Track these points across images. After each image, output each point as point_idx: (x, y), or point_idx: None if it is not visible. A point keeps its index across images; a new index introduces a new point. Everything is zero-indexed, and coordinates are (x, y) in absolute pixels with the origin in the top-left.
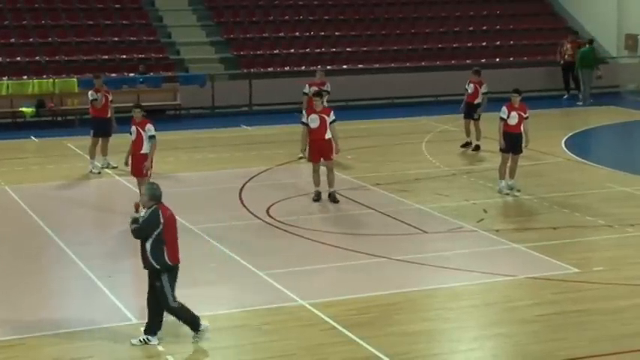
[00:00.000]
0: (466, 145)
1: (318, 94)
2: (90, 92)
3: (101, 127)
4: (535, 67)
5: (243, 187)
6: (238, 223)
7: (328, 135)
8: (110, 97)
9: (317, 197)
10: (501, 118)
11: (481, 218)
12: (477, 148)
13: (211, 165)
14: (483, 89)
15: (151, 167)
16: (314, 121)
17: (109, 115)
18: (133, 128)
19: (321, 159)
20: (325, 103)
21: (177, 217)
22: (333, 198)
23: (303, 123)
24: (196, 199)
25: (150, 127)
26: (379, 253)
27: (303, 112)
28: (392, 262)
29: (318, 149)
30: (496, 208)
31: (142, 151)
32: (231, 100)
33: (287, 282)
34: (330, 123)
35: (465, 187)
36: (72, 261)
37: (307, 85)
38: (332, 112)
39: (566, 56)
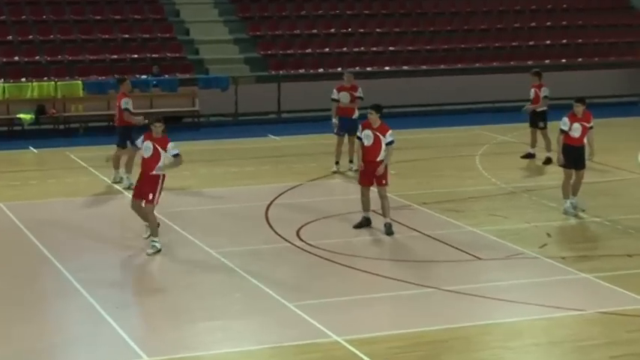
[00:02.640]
0: (527, 156)
1: (377, 107)
2: (126, 100)
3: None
4: (608, 70)
5: (270, 205)
6: (264, 247)
7: (382, 156)
8: None
9: (364, 223)
10: (561, 130)
11: (544, 243)
12: (548, 161)
13: (234, 180)
14: (543, 92)
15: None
16: (368, 138)
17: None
18: (148, 144)
19: (374, 182)
20: (357, 112)
21: (194, 240)
22: (388, 229)
23: (358, 137)
24: (217, 219)
25: (172, 146)
26: (426, 283)
27: (334, 120)
28: (441, 293)
29: (371, 171)
30: (561, 231)
31: (154, 172)
32: (257, 106)
33: (320, 315)
34: (387, 144)
35: (525, 207)
36: (74, 289)
37: (335, 90)
38: (390, 132)
39: None
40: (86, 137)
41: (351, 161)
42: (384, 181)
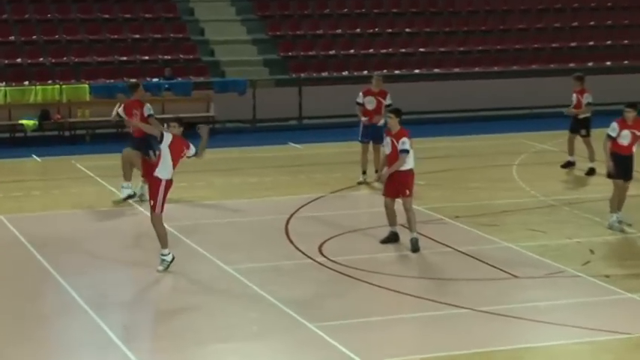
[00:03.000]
0: (567, 165)
1: (396, 111)
2: (148, 106)
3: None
4: None
5: (290, 218)
6: (284, 264)
7: (406, 165)
8: None
9: (391, 239)
10: (609, 136)
11: (587, 260)
12: (592, 172)
13: (252, 191)
14: (586, 99)
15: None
16: (387, 145)
17: None
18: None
19: (399, 195)
20: (383, 119)
21: (209, 255)
22: (414, 245)
23: (383, 146)
24: (233, 233)
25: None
26: (458, 303)
27: (363, 119)
28: (474, 314)
29: (391, 181)
30: (606, 248)
31: (155, 174)
32: (277, 111)
33: (343, 336)
34: (400, 152)
35: (566, 221)
36: (79, 307)
37: (361, 94)
38: (404, 140)
39: None
40: (93, 145)
41: (377, 171)
42: (407, 192)
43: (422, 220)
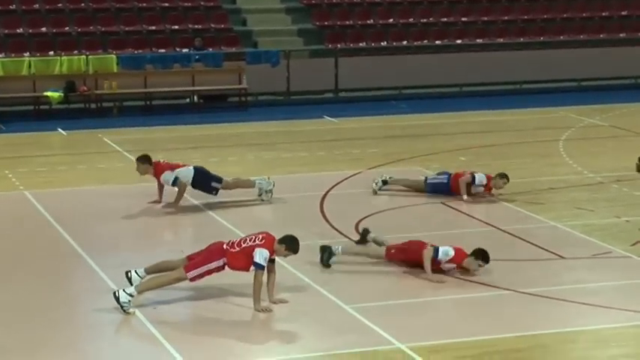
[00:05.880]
0: None
1: None
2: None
3: None
4: None
5: (325, 195)
6: (319, 242)
7: None
8: None
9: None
10: None
11: (636, 241)
12: None
13: (285, 167)
14: None
15: None
16: None
17: None
18: None
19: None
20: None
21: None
22: None
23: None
24: (266, 210)
25: None
26: (502, 284)
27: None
28: (518, 296)
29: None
30: None
31: None
32: (312, 83)
33: (381, 319)
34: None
35: (615, 199)
36: (107, 288)
37: None
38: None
39: None
40: (120, 118)
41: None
42: None
43: (464, 198)
